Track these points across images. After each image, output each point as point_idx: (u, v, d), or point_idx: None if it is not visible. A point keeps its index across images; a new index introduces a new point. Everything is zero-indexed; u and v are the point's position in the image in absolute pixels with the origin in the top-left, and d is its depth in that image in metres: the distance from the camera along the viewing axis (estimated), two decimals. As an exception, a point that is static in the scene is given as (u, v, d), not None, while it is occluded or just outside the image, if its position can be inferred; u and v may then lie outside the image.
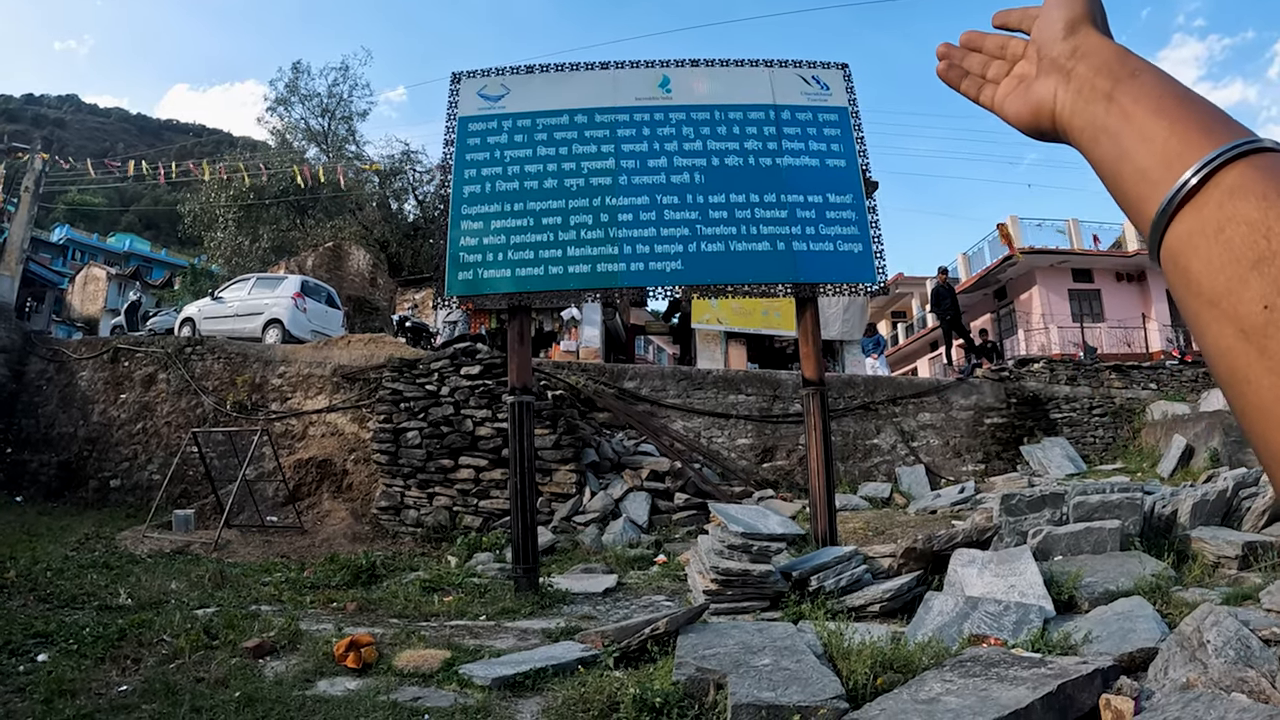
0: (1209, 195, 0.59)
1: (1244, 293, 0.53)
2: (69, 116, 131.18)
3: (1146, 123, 0.67)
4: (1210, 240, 0.57)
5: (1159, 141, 0.65)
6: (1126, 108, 0.70)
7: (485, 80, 9.86)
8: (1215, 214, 0.57)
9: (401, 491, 14.26)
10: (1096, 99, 0.74)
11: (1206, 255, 0.57)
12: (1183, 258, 0.60)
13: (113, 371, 18.67)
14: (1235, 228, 0.55)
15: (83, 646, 6.45)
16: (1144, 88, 0.70)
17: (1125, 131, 0.69)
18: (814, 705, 4.37)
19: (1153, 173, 0.64)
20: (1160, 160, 0.64)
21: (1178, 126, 0.64)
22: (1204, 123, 0.63)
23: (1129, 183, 0.68)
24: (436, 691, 5.60)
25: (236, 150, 42.25)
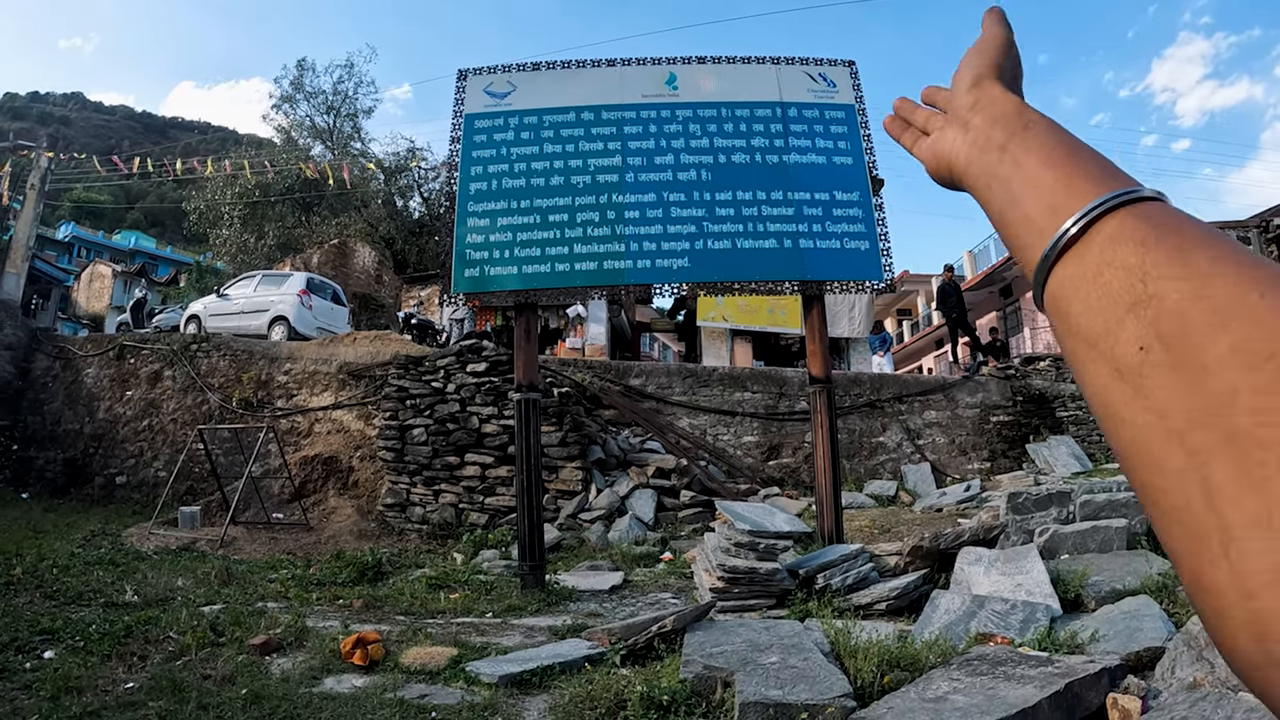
0: (1090, 241, 0.60)
1: (1120, 334, 0.54)
2: (74, 114, 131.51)
3: (1036, 172, 0.69)
4: (1089, 284, 0.58)
5: (1046, 190, 0.66)
6: (1018, 157, 0.71)
7: (492, 77, 9.85)
8: (1095, 259, 0.58)
9: (407, 489, 14.26)
10: (991, 149, 0.76)
11: (1086, 298, 0.58)
12: (1064, 301, 0.61)
13: (118, 368, 18.69)
14: (1113, 272, 0.56)
15: (89, 643, 6.45)
16: (1036, 139, 0.72)
17: (1015, 180, 0.70)
18: (821, 703, 4.37)
19: (1039, 219, 0.65)
20: (1046, 208, 0.65)
21: (1064, 176, 0.66)
22: (1090, 172, 0.65)
23: (1017, 229, 0.69)
24: (443, 689, 5.59)
25: (242, 148, 42.35)
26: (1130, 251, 0.56)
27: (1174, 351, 0.50)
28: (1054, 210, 0.64)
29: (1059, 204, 0.64)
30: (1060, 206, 0.63)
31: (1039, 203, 0.66)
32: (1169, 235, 0.55)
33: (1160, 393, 0.50)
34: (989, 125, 0.78)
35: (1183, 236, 0.55)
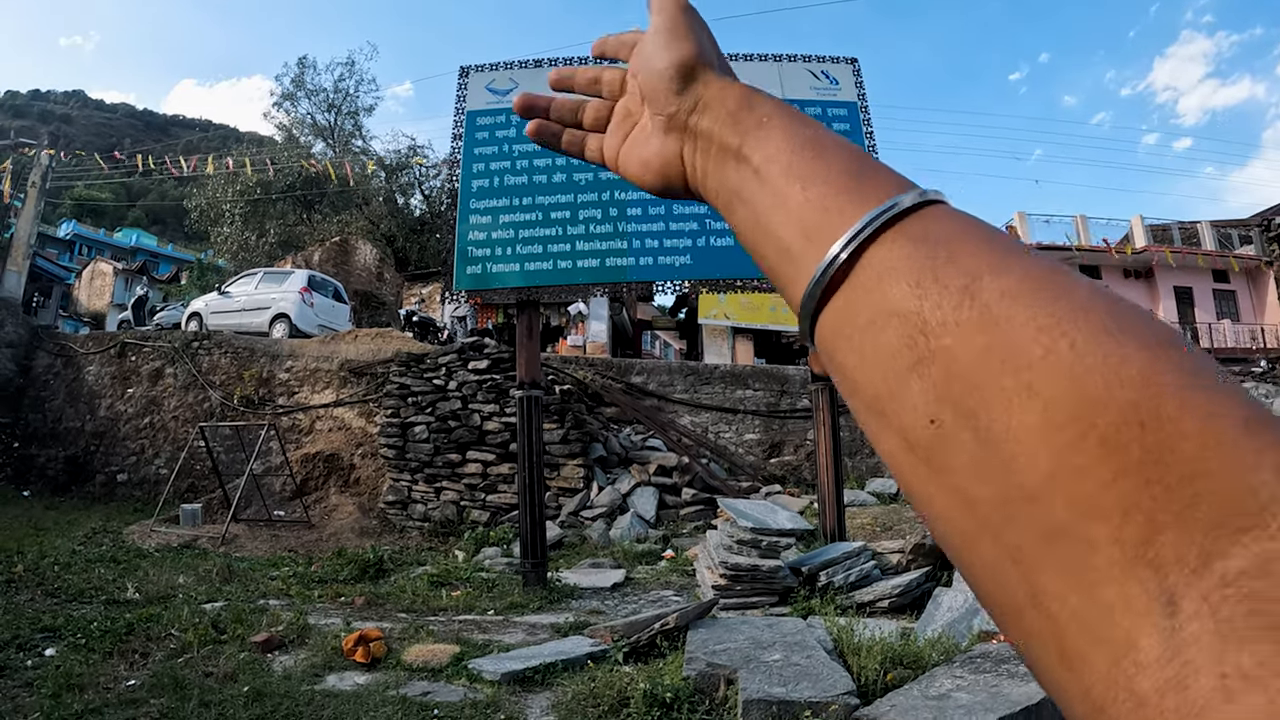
0: (857, 279, 0.47)
1: (905, 399, 0.43)
2: (75, 112, 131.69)
3: (779, 186, 0.56)
4: (862, 336, 0.46)
5: (794, 210, 0.54)
6: (758, 166, 0.58)
7: (493, 74, 9.83)
8: (865, 304, 0.47)
9: (409, 486, 14.27)
10: (726, 159, 0.62)
11: (860, 351, 0.47)
12: (837, 353, 0.49)
13: (120, 366, 18.69)
14: (887, 322, 0.45)
15: (91, 641, 6.46)
16: (774, 141, 0.58)
17: (760, 199, 0.57)
18: (825, 701, 4.36)
19: (794, 249, 0.53)
20: (800, 234, 0.53)
21: (813, 190, 0.53)
22: (843, 183, 0.53)
23: (772, 259, 0.56)
24: (446, 686, 5.59)
25: (243, 145, 42.34)
26: (904, 294, 0.44)
27: (972, 425, 0.39)
28: (808, 237, 0.52)
29: (811, 228, 0.52)
30: (815, 231, 0.52)
31: (789, 227, 0.54)
32: (949, 264, 0.44)
33: (962, 476, 0.40)
34: (719, 128, 0.63)
35: (966, 262, 0.44)
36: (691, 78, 0.66)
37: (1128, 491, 0.33)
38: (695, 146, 0.65)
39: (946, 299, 0.42)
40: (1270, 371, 23.38)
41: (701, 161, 0.64)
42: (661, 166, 0.69)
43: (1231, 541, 0.31)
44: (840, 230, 0.49)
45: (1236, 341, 31.92)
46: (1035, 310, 0.39)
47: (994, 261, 0.43)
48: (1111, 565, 0.33)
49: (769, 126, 0.59)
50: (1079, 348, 0.37)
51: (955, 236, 0.46)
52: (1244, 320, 33.13)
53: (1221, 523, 0.31)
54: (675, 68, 0.67)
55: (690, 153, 0.66)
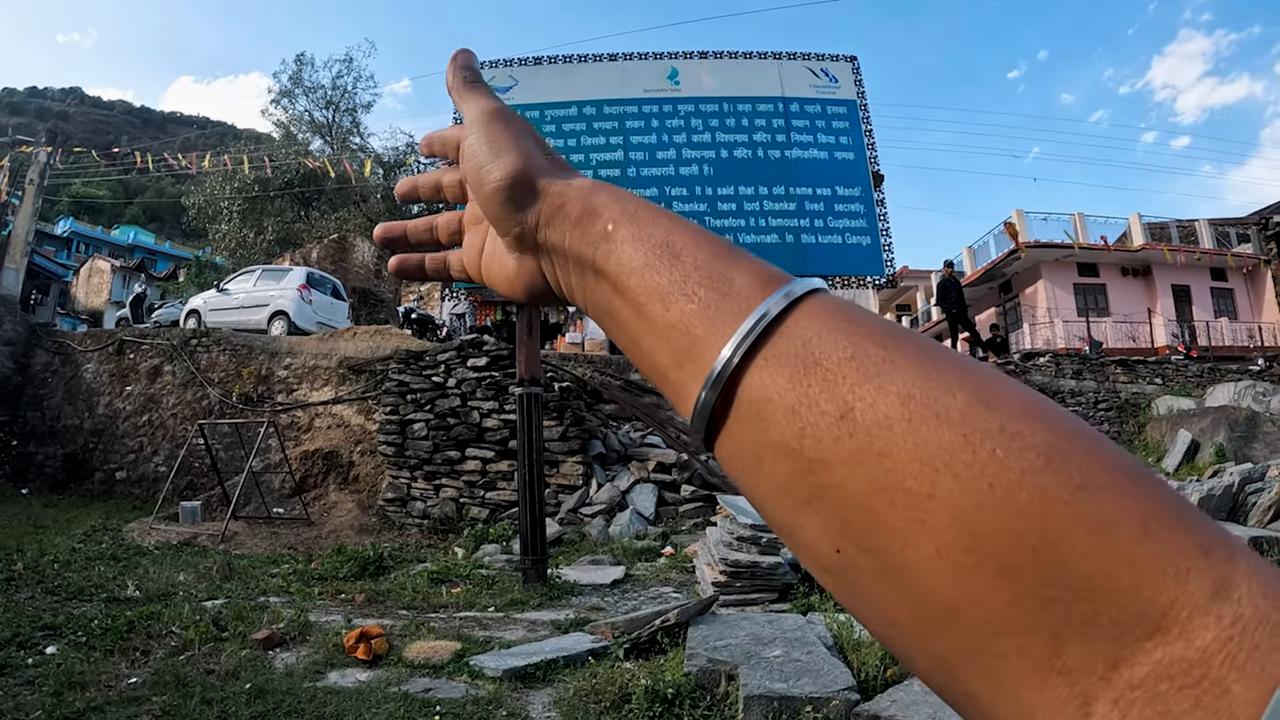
0: (737, 412, 0.45)
1: (809, 530, 0.42)
2: (73, 109, 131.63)
3: (641, 304, 0.51)
4: (755, 468, 0.45)
5: (661, 332, 0.50)
6: (615, 282, 0.53)
7: (493, 71, 9.84)
8: (749, 438, 0.44)
9: (408, 483, 14.27)
10: (584, 274, 0.56)
11: (755, 485, 0.45)
12: (738, 479, 0.47)
13: (118, 364, 18.68)
14: (774, 459, 0.43)
15: (91, 639, 6.45)
16: (624, 251, 0.53)
17: (624, 314, 0.53)
18: (826, 696, 4.37)
19: (670, 375, 0.50)
20: (670, 359, 0.50)
21: (674, 309, 0.49)
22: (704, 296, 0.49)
23: (655, 379, 0.53)
24: (448, 683, 5.60)
25: (241, 143, 42.27)
26: (784, 428, 0.42)
27: (874, 556, 0.39)
28: (679, 363, 0.49)
29: (681, 353, 0.49)
30: (684, 357, 0.48)
31: (661, 353, 0.50)
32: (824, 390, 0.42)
33: (878, 600, 0.40)
34: (568, 242, 0.57)
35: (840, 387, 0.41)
36: (527, 191, 0.59)
37: (1028, 612, 0.34)
38: (551, 263, 0.60)
39: (826, 432, 0.41)
40: (1268, 369, 23.42)
41: (563, 277, 0.59)
42: (527, 284, 0.63)
43: (1135, 649, 0.32)
44: (706, 361, 0.46)
45: (1234, 340, 31.96)
46: (916, 440, 0.38)
47: (869, 377, 0.41)
48: (1024, 675, 0.34)
49: (615, 236, 0.54)
50: (964, 479, 0.36)
51: (827, 350, 0.43)
52: (1241, 318, 33.18)
53: (1123, 633, 0.32)
54: (505, 190, 0.60)
55: (549, 269, 0.61)
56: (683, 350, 0.48)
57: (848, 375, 0.41)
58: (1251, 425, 15.45)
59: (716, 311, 0.47)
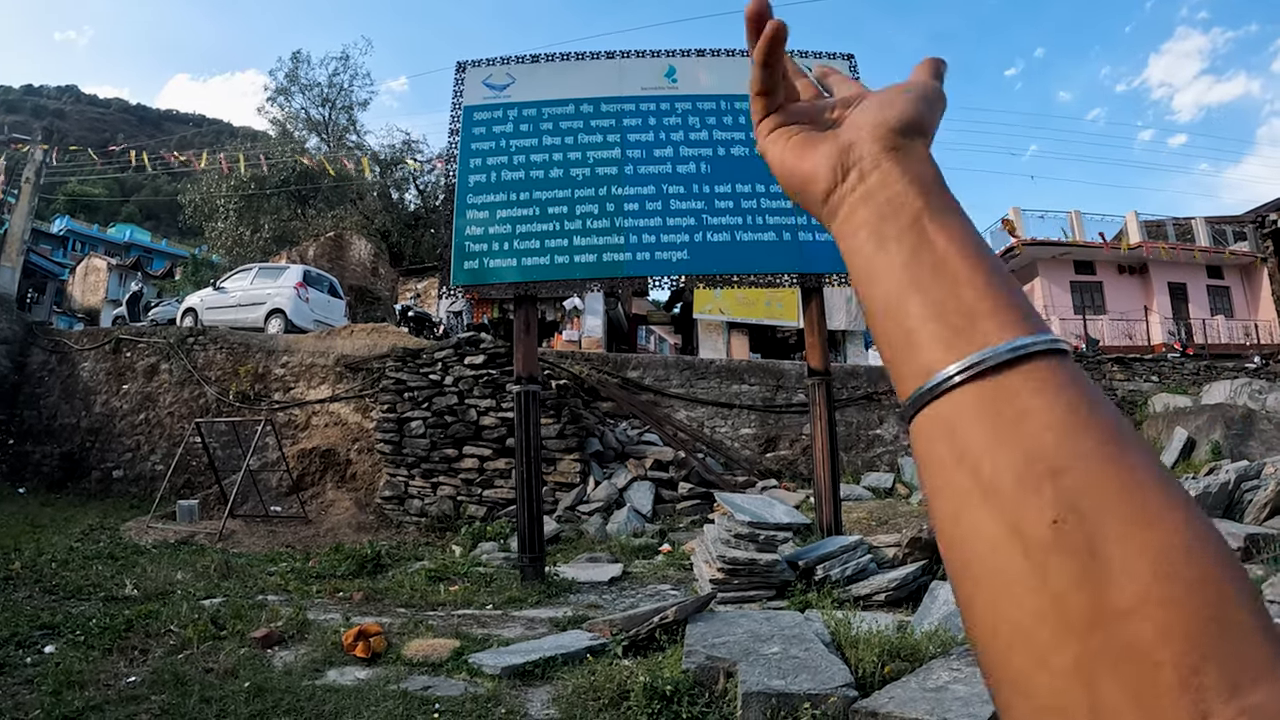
0: (1019, 371, 0.49)
1: (1032, 499, 0.44)
2: (68, 107, 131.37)
3: (960, 265, 0.55)
4: (1008, 428, 0.47)
5: (977, 286, 0.54)
6: (931, 237, 0.57)
7: (491, 69, 9.83)
8: (1022, 399, 0.48)
9: (405, 481, 14.28)
10: (897, 216, 0.59)
11: (996, 442, 0.48)
12: (961, 433, 0.50)
13: (115, 362, 18.67)
14: (1041, 426, 0.46)
15: (90, 638, 6.45)
16: (956, 228, 0.58)
17: (923, 255, 0.56)
18: (824, 693, 4.39)
19: (955, 317, 0.53)
20: (976, 302, 0.53)
21: (997, 281, 0.54)
22: (1007, 293, 0.54)
23: (906, 316, 0.56)
24: (446, 680, 5.61)
25: (237, 140, 42.18)
26: (1062, 405, 0.47)
27: (1089, 537, 0.42)
28: (994, 313, 0.52)
29: (1000, 307, 0.52)
30: (1001, 310, 0.52)
31: (971, 290, 0.54)
32: (1097, 410, 0.47)
33: (1064, 580, 0.42)
34: (900, 185, 0.60)
35: (1112, 419, 0.47)
36: (908, 133, 0.64)
37: (1197, 628, 0.39)
38: (863, 187, 0.62)
39: (1097, 431, 0.46)
40: (1264, 367, 23.45)
41: (859, 204, 0.62)
42: (804, 173, 0.67)
43: (1253, 683, 0.38)
44: (1013, 331, 0.51)
45: (1230, 337, 31.98)
46: (1155, 477, 0.45)
47: (1130, 435, 0.47)
48: (1170, 685, 0.38)
49: (951, 213, 0.59)
50: (1194, 527, 0.43)
51: (1092, 394, 0.49)
52: (1238, 316, 33.18)
53: (1248, 667, 0.38)
54: (902, 116, 0.64)
55: (852, 190, 0.63)
56: (1001, 305, 0.53)
57: (1110, 415, 0.48)
58: (1248, 423, 15.48)
59: (1016, 311, 0.53)
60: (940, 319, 0.54)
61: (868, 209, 0.61)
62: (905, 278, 0.56)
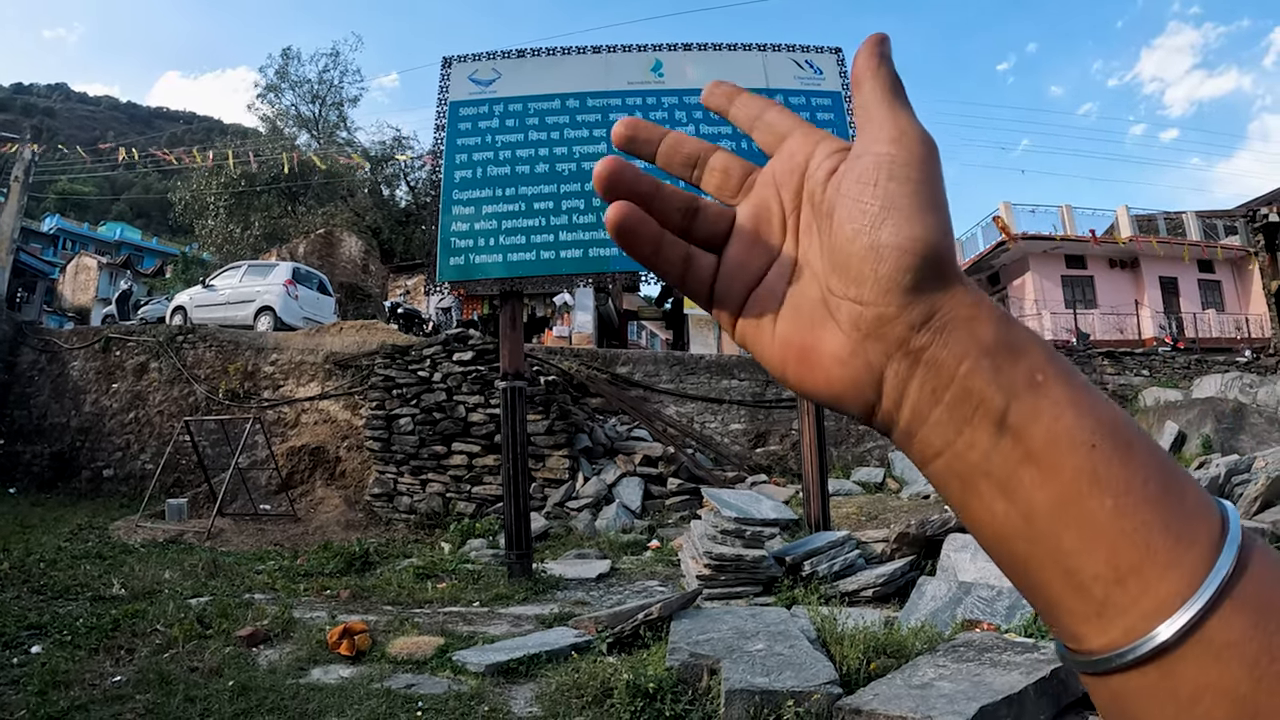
0: (1186, 652, 0.39)
1: None
2: (58, 105, 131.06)
3: (1077, 493, 0.41)
4: (1179, 710, 0.39)
5: (1104, 537, 0.40)
6: (1033, 449, 0.42)
7: (476, 65, 9.80)
8: (1192, 678, 0.39)
9: (394, 478, 14.26)
10: (977, 420, 0.43)
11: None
12: (1133, 710, 0.41)
13: (105, 361, 18.63)
14: (1215, 703, 0.38)
15: (76, 637, 6.44)
16: (1063, 415, 0.42)
17: (1035, 493, 0.42)
18: (807, 690, 4.39)
19: (1093, 585, 0.40)
20: (1105, 566, 0.40)
21: (1132, 516, 0.40)
22: (1163, 510, 0.41)
23: (1041, 574, 0.42)
24: (430, 678, 5.60)
25: (227, 137, 42.08)
26: (1242, 677, 0.38)
27: None
28: (1119, 578, 0.40)
29: (1126, 568, 0.40)
30: (1130, 573, 0.40)
31: (1091, 556, 0.40)
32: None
33: None
34: (967, 369, 0.44)
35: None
36: (935, 277, 0.45)
37: None
38: (915, 379, 0.45)
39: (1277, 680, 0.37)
40: (1254, 361, 23.51)
41: (922, 402, 0.45)
42: (844, 380, 0.48)
43: None
44: (1172, 593, 0.39)
45: (1221, 331, 32.09)
46: None
47: None
48: None
49: (1047, 388, 0.43)
50: None
51: (1276, 595, 0.39)
52: (1228, 310, 33.30)
53: None
54: (920, 257, 0.44)
55: (903, 382, 0.46)
56: (1129, 566, 0.40)
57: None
58: (1238, 417, 15.53)
59: (1181, 534, 0.40)
60: (1055, 584, 0.42)
61: (934, 434, 0.45)
62: (1020, 518, 0.42)
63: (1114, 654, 0.40)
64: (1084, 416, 0.42)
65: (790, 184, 0.51)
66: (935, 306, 0.44)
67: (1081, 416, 0.42)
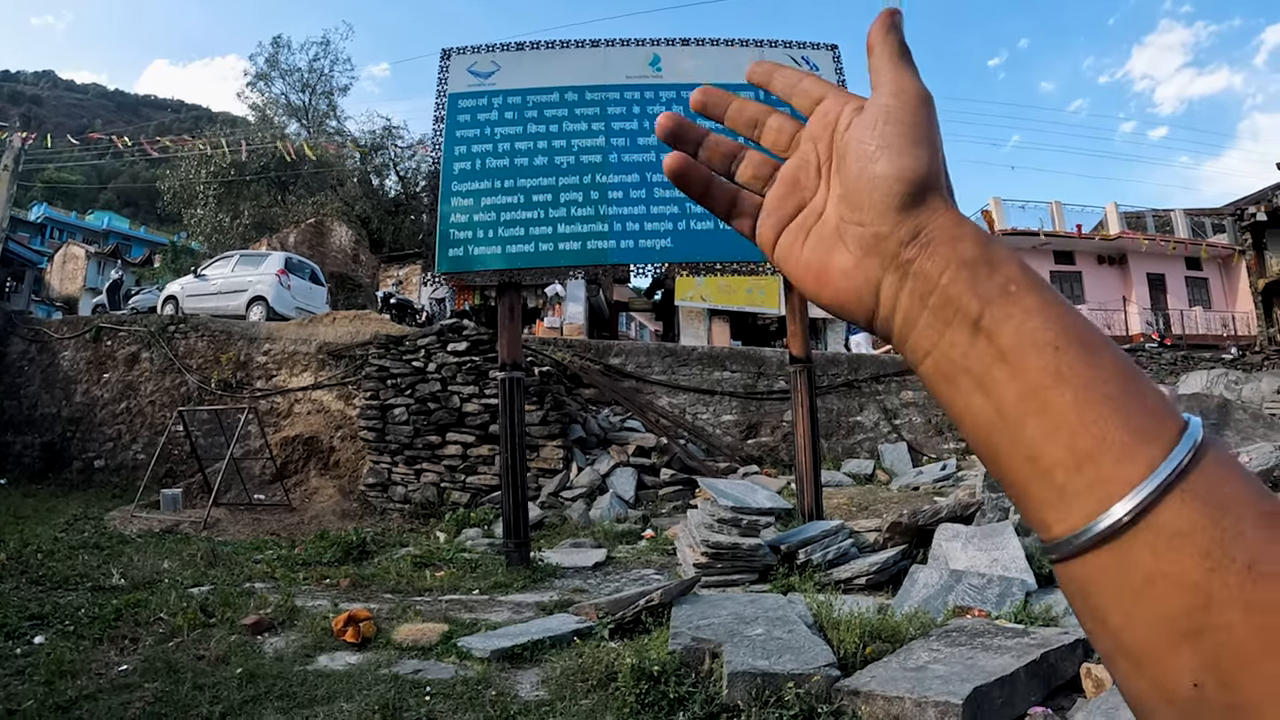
0: (1138, 538, 0.43)
1: (1170, 661, 0.42)
2: (46, 93, 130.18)
3: (1040, 386, 0.47)
4: (1135, 594, 0.43)
5: (1064, 426, 0.46)
6: (1004, 348, 0.49)
7: (475, 57, 9.84)
8: (1146, 563, 0.43)
9: (389, 468, 14.31)
10: (954, 322, 0.51)
11: (1124, 607, 0.44)
12: (1094, 596, 0.45)
13: (95, 351, 18.56)
14: (1169, 589, 0.42)
15: (79, 628, 6.47)
16: (1029, 319, 0.49)
17: (1005, 388, 0.48)
18: (807, 673, 4.48)
19: (1054, 473, 0.46)
20: (1065, 455, 0.45)
21: (1090, 409, 0.46)
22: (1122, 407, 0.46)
23: (1010, 460, 0.48)
24: (436, 664, 5.68)
25: (216, 126, 41.83)
26: (1194, 565, 0.41)
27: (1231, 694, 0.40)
28: (1078, 465, 0.45)
29: (1084, 456, 0.45)
30: (1087, 461, 0.45)
31: (1052, 444, 0.46)
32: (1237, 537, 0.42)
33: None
34: (949, 281, 0.51)
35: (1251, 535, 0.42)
36: (920, 199, 0.54)
37: None
38: (906, 288, 0.54)
39: (1233, 577, 0.41)
40: (1240, 358, 23.73)
41: (911, 308, 0.53)
42: (854, 290, 0.57)
43: None
44: (1123, 479, 0.44)
45: (1208, 329, 32.30)
46: None
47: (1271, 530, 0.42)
48: None
49: (1019, 297, 0.50)
50: None
51: (1236, 496, 0.43)
52: (1215, 307, 33.50)
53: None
54: (906, 183, 0.54)
55: (895, 290, 0.54)
56: (1086, 454, 0.45)
57: (1254, 521, 0.42)
58: (1223, 413, 15.65)
59: (1139, 430, 0.45)
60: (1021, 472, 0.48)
61: (922, 336, 0.53)
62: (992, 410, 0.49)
63: (1073, 536, 0.45)
64: (1051, 322, 0.48)
65: (825, 138, 0.60)
66: (921, 225, 0.53)
67: (1049, 321, 0.49)
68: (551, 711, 4.77)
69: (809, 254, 0.60)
